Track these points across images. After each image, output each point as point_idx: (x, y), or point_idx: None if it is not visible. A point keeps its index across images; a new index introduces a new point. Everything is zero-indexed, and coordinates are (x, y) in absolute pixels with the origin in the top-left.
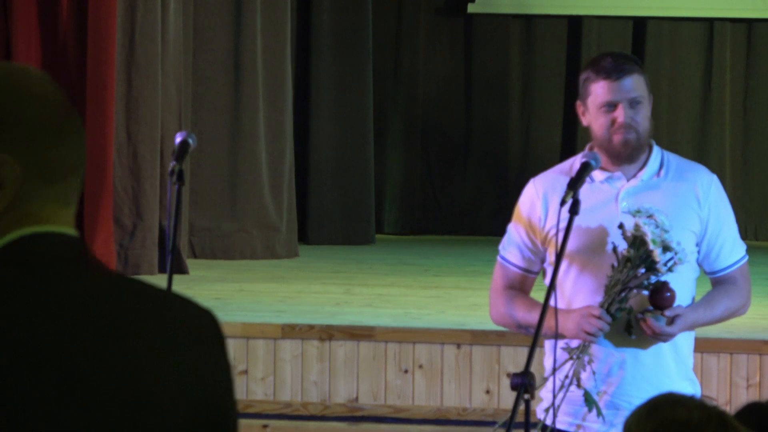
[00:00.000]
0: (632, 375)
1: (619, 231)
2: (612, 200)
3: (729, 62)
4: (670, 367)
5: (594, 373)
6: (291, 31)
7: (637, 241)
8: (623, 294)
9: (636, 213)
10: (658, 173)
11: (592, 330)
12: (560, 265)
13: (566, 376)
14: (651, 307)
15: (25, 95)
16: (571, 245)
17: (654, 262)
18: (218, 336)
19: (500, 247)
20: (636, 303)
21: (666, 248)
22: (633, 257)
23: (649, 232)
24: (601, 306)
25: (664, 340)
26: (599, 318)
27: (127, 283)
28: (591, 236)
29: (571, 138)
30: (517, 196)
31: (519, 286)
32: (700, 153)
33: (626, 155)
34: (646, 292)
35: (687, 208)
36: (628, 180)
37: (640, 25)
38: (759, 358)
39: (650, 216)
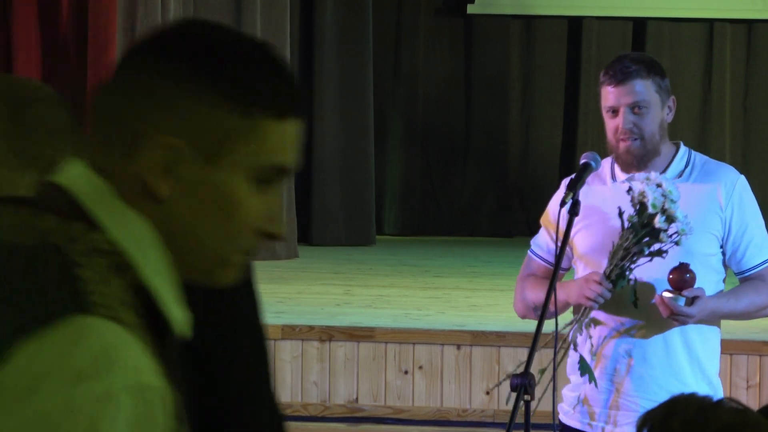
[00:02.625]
0: (639, 375)
1: (628, 195)
2: (630, 200)
3: (729, 62)
4: (683, 369)
5: (591, 337)
6: (293, 31)
7: (640, 206)
8: (625, 261)
9: (646, 180)
10: (680, 174)
11: (592, 295)
12: (560, 265)
13: (564, 340)
14: (670, 287)
15: None
16: (587, 245)
17: (656, 229)
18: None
19: (531, 242)
20: (644, 283)
21: (669, 218)
22: (635, 222)
23: (651, 197)
24: (605, 273)
25: (682, 322)
26: (599, 283)
27: None
28: (608, 236)
29: (571, 138)
30: (517, 196)
31: (541, 275)
32: (700, 152)
33: (630, 162)
34: (646, 260)
35: (707, 211)
36: None
37: (640, 25)
38: (759, 358)
39: (659, 185)
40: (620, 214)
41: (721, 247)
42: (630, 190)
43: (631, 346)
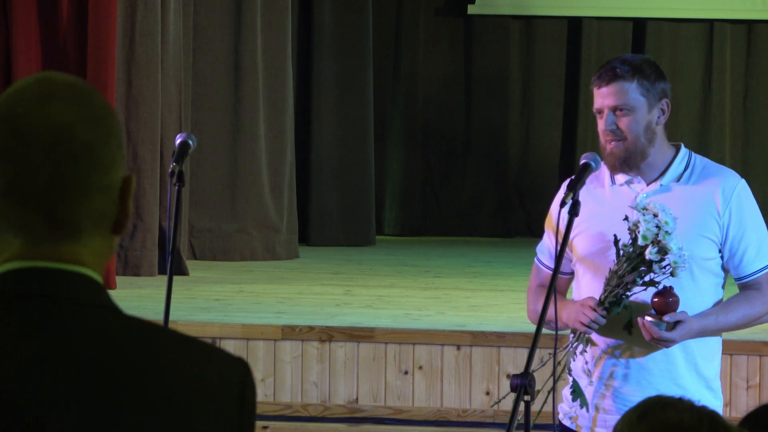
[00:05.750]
0: (637, 381)
1: (625, 223)
2: (629, 205)
3: (729, 63)
4: (682, 375)
5: (586, 363)
6: (292, 32)
7: (633, 236)
8: (619, 288)
9: (642, 209)
10: (679, 178)
11: (586, 321)
12: (560, 265)
13: (558, 363)
14: (653, 311)
15: None
16: (585, 248)
17: (646, 261)
18: (242, 394)
19: (537, 249)
20: (639, 306)
21: (662, 250)
22: (628, 252)
23: (644, 229)
24: (600, 299)
25: (665, 346)
26: (593, 309)
27: None
28: (606, 239)
29: (571, 138)
30: (517, 196)
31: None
32: (700, 153)
33: (614, 164)
34: (641, 289)
35: (705, 215)
36: (648, 184)
37: (640, 26)
38: (759, 359)
39: (655, 215)
40: (616, 242)
41: (720, 251)
42: (626, 218)
43: (631, 355)
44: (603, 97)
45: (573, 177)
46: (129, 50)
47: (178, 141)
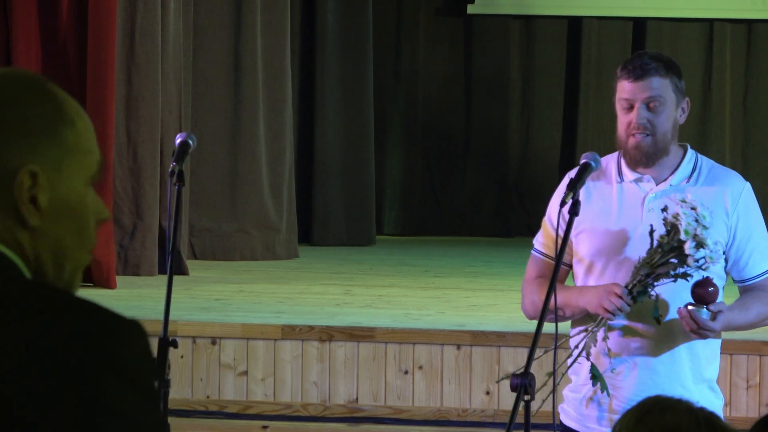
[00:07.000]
0: (642, 381)
1: (662, 214)
2: (638, 204)
3: (729, 62)
4: (686, 376)
5: (609, 350)
6: (294, 32)
7: (672, 228)
8: (649, 279)
9: (681, 201)
10: (688, 178)
11: (610, 307)
12: (560, 265)
13: (576, 346)
14: (693, 301)
15: None
16: (592, 246)
17: (684, 254)
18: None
19: (534, 241)
20: (666, 296)
21: (699, 244)
22: (665, 243)
23: (684, 223)
24: (627, 286)
25: (704, 336)
26: (620, 297)
27: None
28: (612, 238)
29: (571, 138)
30: (517, 196)
31: (549, 276)
32: (700, 153)
33: (638, 158)
34: (669, 280)
35: (714, 216)
36: (657, 184)
37: (640, 25)
38: (759, 358)
39: (693, 208)
40: (651, 232)
41: (724, 253)
42: (665, 209)
43: (639, 354)
44: (636, 90)
45: (573, 176)
46: (129, 50)
47: (178, 141)
